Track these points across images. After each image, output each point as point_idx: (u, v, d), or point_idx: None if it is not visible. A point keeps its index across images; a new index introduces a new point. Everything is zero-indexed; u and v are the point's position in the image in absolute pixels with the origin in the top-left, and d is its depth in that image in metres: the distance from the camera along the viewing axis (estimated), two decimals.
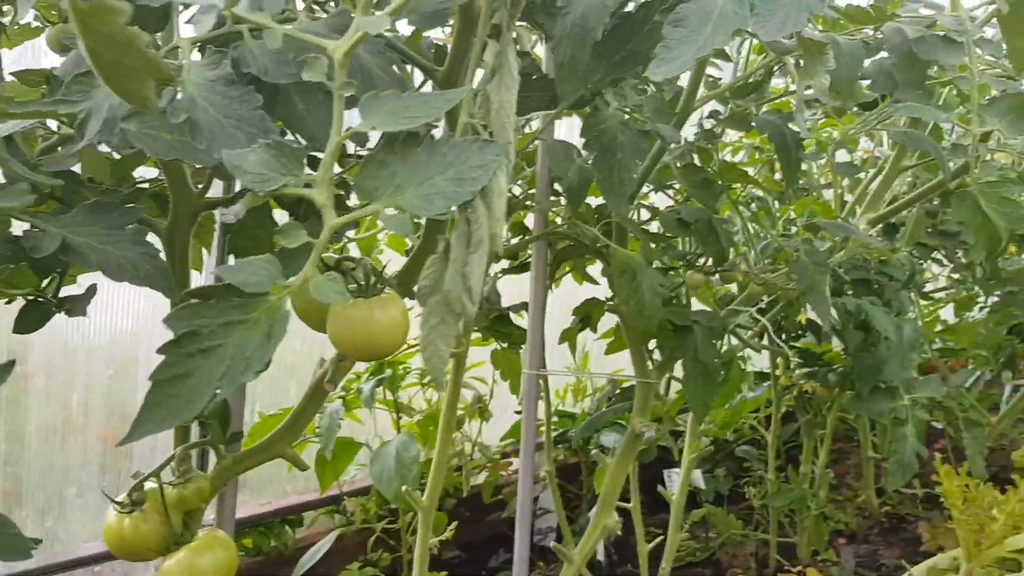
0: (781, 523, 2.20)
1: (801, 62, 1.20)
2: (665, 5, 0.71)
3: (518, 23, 0.68)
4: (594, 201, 1.54)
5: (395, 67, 0.68)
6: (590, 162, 1.01)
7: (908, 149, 1.46)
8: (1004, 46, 1.07)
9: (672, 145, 1.52)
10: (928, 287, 2.98)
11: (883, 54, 1.24)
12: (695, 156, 1.61)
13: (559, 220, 1.55)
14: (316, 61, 0.56)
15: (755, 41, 1.46)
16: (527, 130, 1.54)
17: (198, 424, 1.13)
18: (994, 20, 1.18)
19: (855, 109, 1.51)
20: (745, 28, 0.63)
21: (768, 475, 2.15)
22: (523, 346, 1.67)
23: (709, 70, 1.69)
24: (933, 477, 1.99)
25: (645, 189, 1.72)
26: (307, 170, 0.58)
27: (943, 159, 1.06)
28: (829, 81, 0.90)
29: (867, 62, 1.29)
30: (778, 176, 2.11)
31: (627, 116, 1.24)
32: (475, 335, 1.84)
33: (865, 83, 1.25)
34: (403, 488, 1.52)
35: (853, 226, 1.38)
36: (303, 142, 0.69)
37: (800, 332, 2.08)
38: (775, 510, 2.12)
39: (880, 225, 2.00)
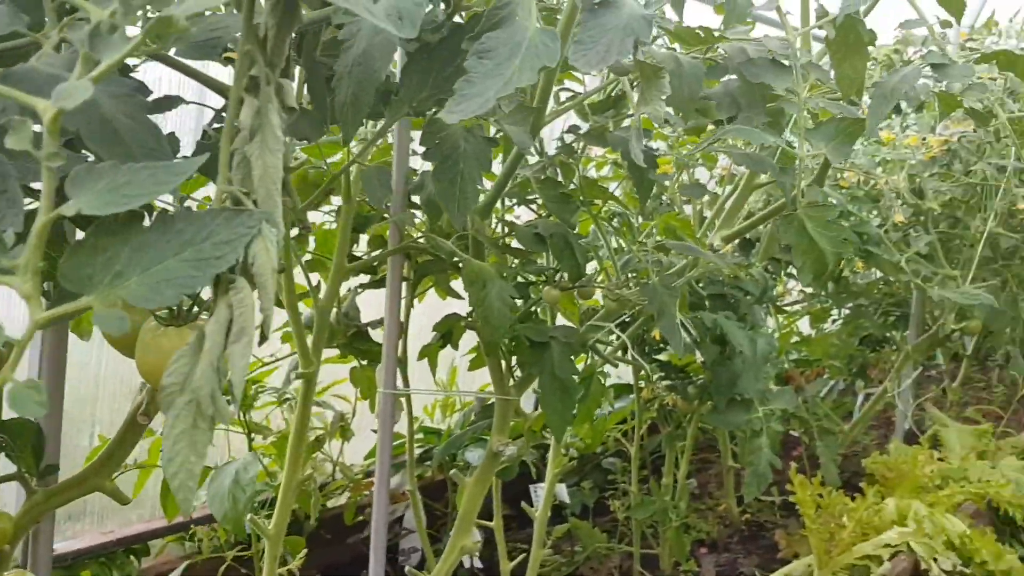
0: (645, 535, 2.22)
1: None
2: (472, 33, 0.67)
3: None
4: None
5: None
6: (431, 172, 0.97)
7: None
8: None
9: (537, 158, 1.51)
10: (787, 300, 3.10)
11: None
12: (559, 171, 1.61)
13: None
14: (22, 125, 0.45)
15: None
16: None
17: (6, 455, 1.04)
18: None
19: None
20: (555, 64, 0.61)
21: (631, 487, 2.16)
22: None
23: (571, 84, 1.70)
24: (788, 486, 2.05)
25: (510, 202, 1.70)
26: None
27: (783, 181, 1.08)
28: (664, 109, 0.89)
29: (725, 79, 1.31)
30: None
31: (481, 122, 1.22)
32: (332, 353, 1.77)
33: None
34: (249, 517, 1.44)
35: (698, 247, 1.39)
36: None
37: (662, 345, 2.11)
38: (638, 522, 2.13)
39: (736, 241, 2.06)
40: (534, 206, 1.72)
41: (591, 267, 1.95)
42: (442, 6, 0.82)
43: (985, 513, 2.32)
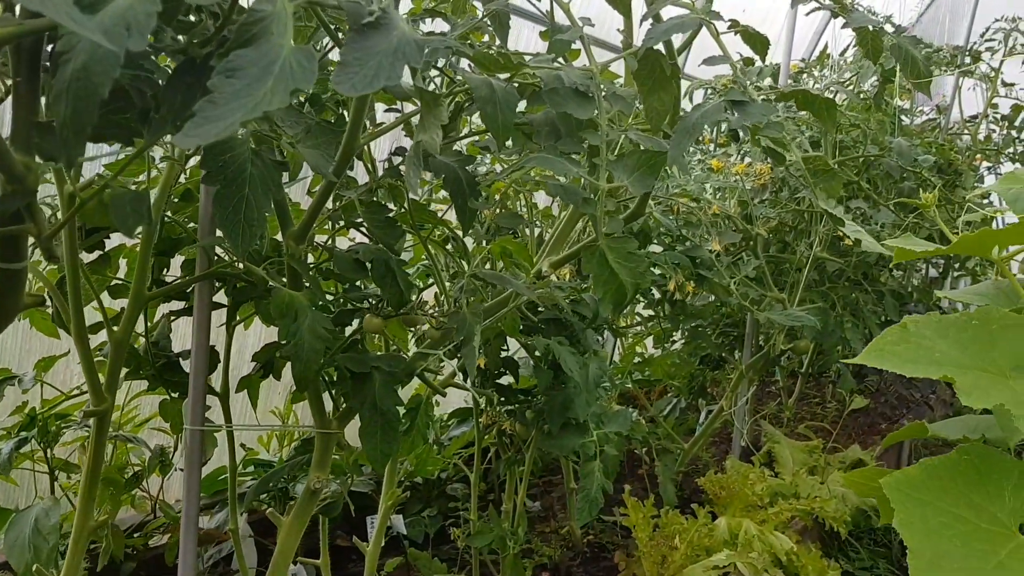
0: (486, 562, 2.18)
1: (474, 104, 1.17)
2: (221, 49, 0.61)
3: None
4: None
5: None
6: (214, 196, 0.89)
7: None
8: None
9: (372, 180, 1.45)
10: (634, 321, 3.15)
11: None
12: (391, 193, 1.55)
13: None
14: None
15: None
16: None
17: None
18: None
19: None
20: (310, 87, 0.56)
21: (471, 515, 2.12)
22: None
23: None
24: (620, 510, 2.05)
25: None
26: None
27: (588, 211, 1.07)
28: (440, 137, 0.86)
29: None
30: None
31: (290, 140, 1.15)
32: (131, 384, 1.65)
33: None
34: (35, 567, 1.31)
35: (511, 277, 1.37)
36: None
37: (503, 369, 2.08)
38: (476, 550, 2.09)
39: (573, 265, 2.06)
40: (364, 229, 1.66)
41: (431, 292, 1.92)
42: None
43: (812, 529, 2.42)
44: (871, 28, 1.36)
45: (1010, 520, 0.92)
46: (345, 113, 1.47)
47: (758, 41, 1.13)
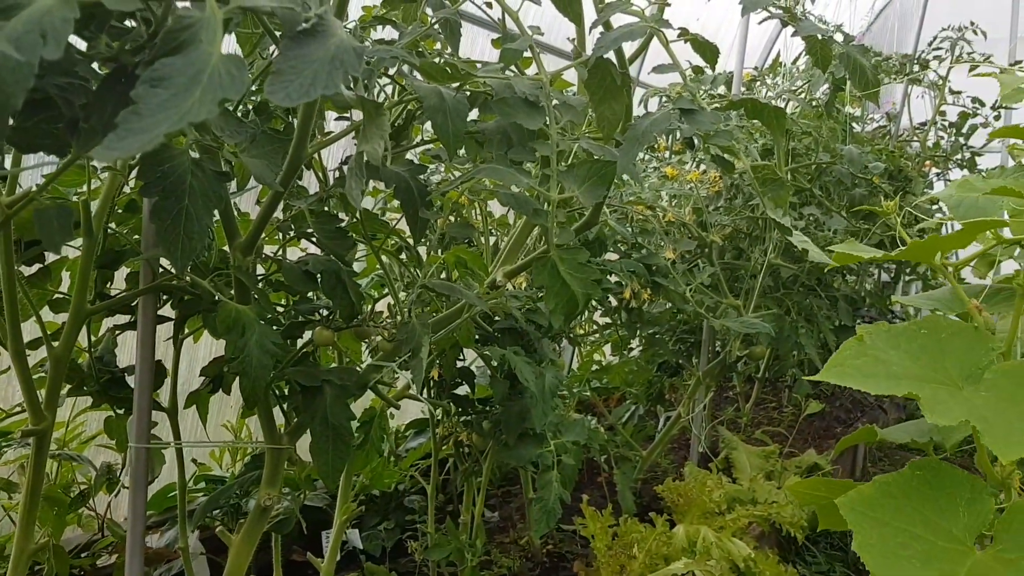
0: (444, 575, 2.16)
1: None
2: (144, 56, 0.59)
3: None
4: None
5: None
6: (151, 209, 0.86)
7: None
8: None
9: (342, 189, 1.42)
10: (592, 329, 3.14)
11: None
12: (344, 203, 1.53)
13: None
14: None
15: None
16: None
17: None
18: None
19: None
20: (240, 95, 0.54)
21: (428, 528, 2.09)
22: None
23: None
24: (579, 519, 2.04)
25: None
26: None
27: (539, 222, 1.06)
28: (384, 148, 0.84)
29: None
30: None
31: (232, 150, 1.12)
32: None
33: None
34: None
35: (462, 287, 1.36)
36: None
37: (458, 380, 2.06)
38: (434, 562, 2.07)
39: (523, 274, 2.05)
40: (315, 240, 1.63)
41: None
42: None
43: (770, 534, 2.43)
44: (820, 37, 1.37)
45: (965, 536, 0.92)
46: (295, 121, 1.45)
47: (707, 49, 1.13)
